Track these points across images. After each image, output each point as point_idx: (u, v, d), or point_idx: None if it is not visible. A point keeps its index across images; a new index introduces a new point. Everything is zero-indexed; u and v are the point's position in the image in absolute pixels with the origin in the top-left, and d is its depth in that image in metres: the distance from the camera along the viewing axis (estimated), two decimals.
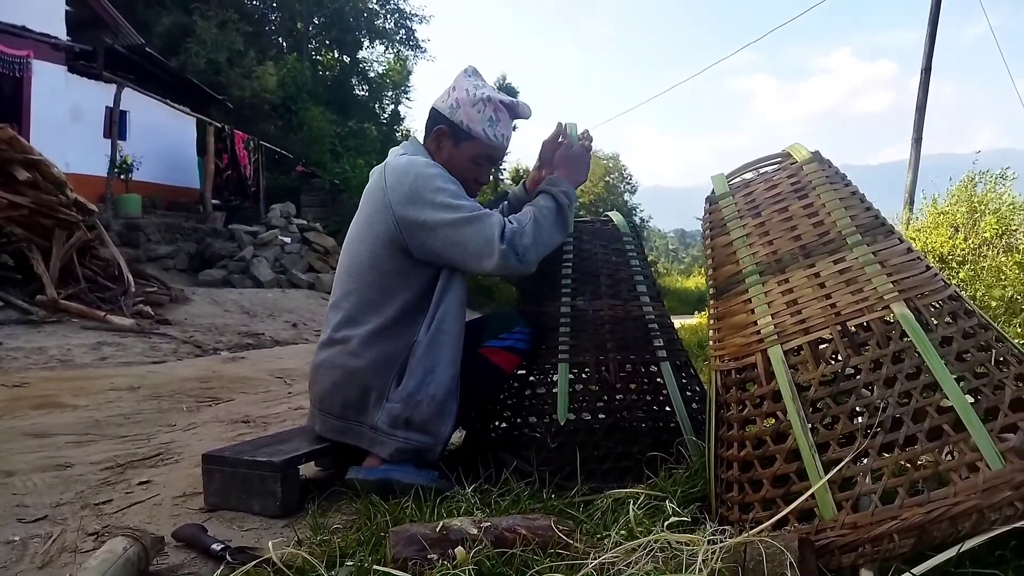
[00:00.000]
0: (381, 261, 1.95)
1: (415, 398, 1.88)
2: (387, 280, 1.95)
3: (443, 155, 2.07)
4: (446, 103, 2.05)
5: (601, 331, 2.12)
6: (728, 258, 1.58)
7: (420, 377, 1.89)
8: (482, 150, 2.06)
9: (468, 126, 2.02)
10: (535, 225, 1.93)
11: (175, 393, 3.80)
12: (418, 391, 1.88)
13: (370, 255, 1.97)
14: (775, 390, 1.42)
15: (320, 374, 1.99)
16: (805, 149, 1.59)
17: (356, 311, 1.97)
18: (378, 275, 1.96)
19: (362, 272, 1.98)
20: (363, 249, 1.99)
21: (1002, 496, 1.20)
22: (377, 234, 1.96)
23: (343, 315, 1.98)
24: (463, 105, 2.02)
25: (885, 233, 1.47)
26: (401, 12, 27.89)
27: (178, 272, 11.05)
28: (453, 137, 2.05)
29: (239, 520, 1.77)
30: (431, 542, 1.33)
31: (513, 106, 2.08)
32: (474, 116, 2.01)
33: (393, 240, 1.93)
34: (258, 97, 18.25)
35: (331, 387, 1.97)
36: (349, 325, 1.96)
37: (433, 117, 2.09)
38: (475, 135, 2.03)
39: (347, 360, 1.93)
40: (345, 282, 2.02)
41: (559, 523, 1.40)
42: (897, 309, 1.37)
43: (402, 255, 1.94)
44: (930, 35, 9.24)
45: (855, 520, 1.26)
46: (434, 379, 1.89)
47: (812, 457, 1.33)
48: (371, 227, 1.98)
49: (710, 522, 1.51)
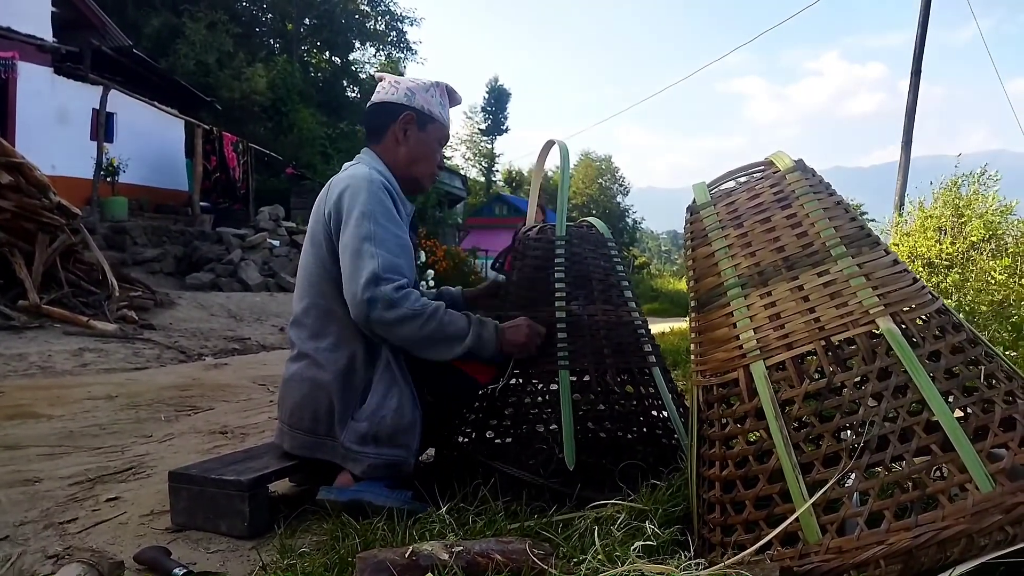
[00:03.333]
0: (329, 270, 1.93)
1: (379, 414, 1.85)
2: (339, 289, 1.90)
3: (410, 143, 2.07)
4: (398, 94, 2.08)
5: (597, 337, 2.07)
6: (710, 270, 1.52)
7: (383, 392, 1.87)
8: (441, 132, 2.13)
9: (428, 109, 2.08)
10: (429, 316, 1.82)
11: (154, 402, 3.72)
12: (381, 406, 1.86)
13: (318, 266, 1.96)
14: (758, 407, 1.37)
15: (290, 389, 1.96)
16: (788, 157, 1.54)
17: (317, 323, 1.94)
18: (329, 285, 1.93)
19: (314, 283, 1.97)
20: (312, 260, 1.98)
21: (992, 520, 1.15)
22: (320, 243, 1.95)
23: (307, 329, 1.96)
24: (418, 92, 2.07)
25: (870, 244, 1.42)
26: (392, 14, 27.87)
27: (165, 275, 10.93)
28: (418, 122, 2.08)
29: (205, 541, 1.71)
30: (400, 568, 1.28)
31: (451, 91, 2.18)
32: (430, 99, 2.09)
33: (333, 250, 1.92)
34: (248, 99, 18.15)
35: (300, 401, 1.93)
36: (313, 338, 1.94)
37: (387, 111, 2.08)
38: (435, 117, 2.10)
39: (314, 373, 1.90)
40: (303, 294, 2.00)
41: (534, 547, 1.35)
42: (883, 324, 1.32)
43: None
44: (919, 38, 9.23)
45: (840, 544, 1.21)
46: (397, 391, 1.88)
47: (796, 478, 1.28)
48: (315, 238, 1.98)
49: (692, 543, 1.47)
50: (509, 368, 2.04)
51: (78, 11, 13.72)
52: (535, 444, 1.98)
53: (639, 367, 2.12)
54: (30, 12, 11.95)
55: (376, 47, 28.52)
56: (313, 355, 1.91)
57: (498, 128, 37.77)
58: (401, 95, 2.06)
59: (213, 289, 10.61)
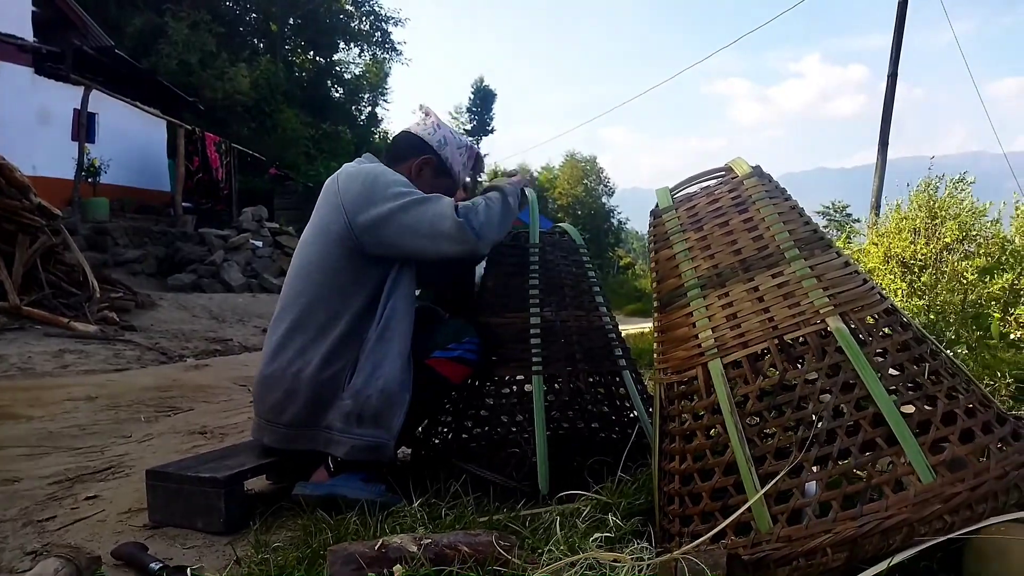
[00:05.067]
0: (331, 260, 1.95)
1: (364, 393, 1.87)
2: (336, 281, 1.94)
3: (419, 183, 2.09)
4: (433, 137, 2.15)
5: (570, 342, 2.13)
6: (671, 272, 1.58)
7: (369, 371, 1.89)
8: (451, 188, 2.18)
9: (451, 164, 2.16)
10: (487, 206, 1.98)
11: (134, 403, 3.74)
12: (367, 385, 1.88)
13: (320, 255, 1.98)
14: (715, 403, 1.43)
15: (269, 386, 1.95)
16: (746, 163, 1.60)
17: (304, 315, 1.95)
18: (327, 276, 1.95)
19: (311, 272, 1.98)
20: (314, 250, 2.00)
21: (932, 510, 1.22)
22: (329, 234, 1.97)
23: (291, 322, 1.96)
24: (450, 144, 2.15)
25: (823, 247, 1.48)
26: (376, 14, 27.82)
27: (146, 277, 10.89)
28: (436, 169, 2.15)
29: (182, 537, 1.75)
30: (369, 560, 1.32)
31: (480, 160, 2.32)
32: (457, 158, 2.17)
33: (343, 239, 1.93)
34: (231, 99, 18.09)
35: (283, 396, 1.93)
36: (298, 332, 1.94)
37: (415, 145, 2.15)
38: (453, 173, 2.18)
39: (299, 369, 1.91)
40: (294, 286, 2.00)
41: (501, 539, 1.40)
42: (832, 323, 1.38)
43: (353, 255, 1.94)
44: (895, 43, 9.38)
45: (790, 533, 1.27)
46: (382, 373, 1.89)
47: (749, 470, 1.34)
48: (323, 228, 1.99)
49: (653, 534, 1.52)
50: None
51: (59, 10, 13.60)
52: (508, 447, 2.03)
53: (610, 370, 2.18)
54: (10, 12, 11.85)
55: (361, 47, 28.48)
56: (297, 349, 1.92)
57: (484, 128, 37.76)
58: (435, 139, 2.14)
59: (195, 290, 10.59)
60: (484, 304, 2.23)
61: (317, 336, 1.92)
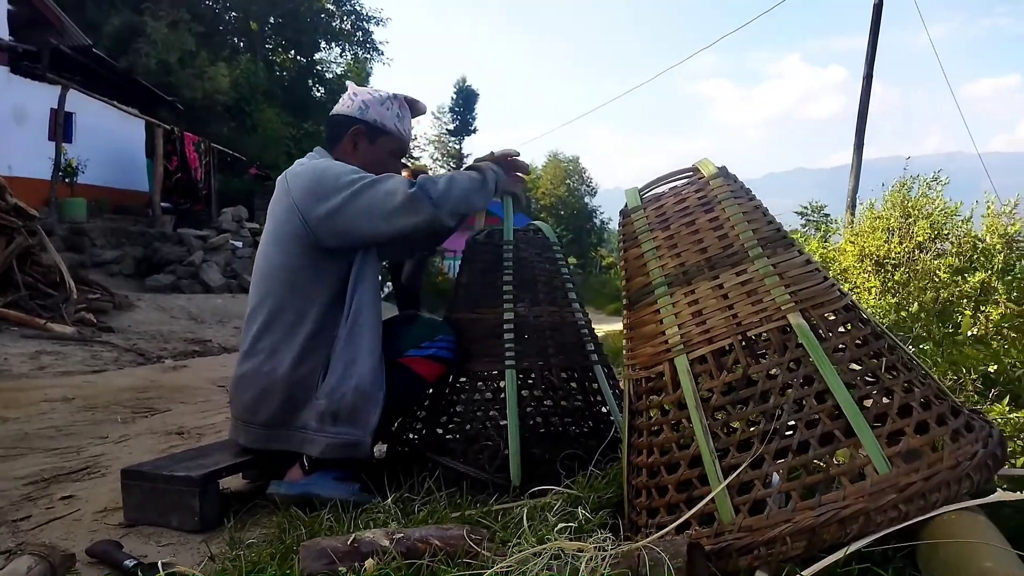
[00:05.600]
0: (291, 260, 1.97)
1: (339, 391, 1.89)
2: (299, 279, 1.95)
3: (359, 154, 2.13)
4: (352, 106, 2.14)
5: (543, 337, 2.16)
6: (639, 270, 1.61)
7: (341, 370, 1.90)
8: (395, 144, 2.18)
9: (381, 123, 2.13)
10: (451, 178, 1.99)
11: (111, 404, 3.72)
12: (341, 383, 1.89)
13: (280, 256, 1.99)
14: (681, 398, 1.47)
15: (243, 386, 1.97)
16: (712, 164, 1.63)
17: (272, 317, 1.96)
18: (290, 275, 1.97)
19: (274, 274, 2.00)
20: (273, 251, 2.02)
21: (888, 499, 1.25)
22: (285, 234, 1.98)
23: (260, 323, 1.97)
24: (372, 105, 2.13)
25: (785, 245, 1.52)
26: (358, 14, 27.71)
27: (124, 278, 10.79)
28: (368, 135, 2.14)
29: (157, 535, 1.76)
30: (341, 555, 1.34)
31: (413, 103, 2.24)
32: (384, 113, 2.14)
33: (300, 238, 1.95)
34: (210, 98, 17.93)
35: (258, 396, 1.94)
36: (268, 333, 1.96)
37: (340, 123, 2.15)
38: (388, 130, 2.15)
39: (271, 368, 1.92)
40: (259, 289, 2.03)
41: (472, 532, 1.42)
42: (793, 319, 1.42)
43: (312, 252, 1.95)
44: (871, 46, 9.52)
45: (751, 523, 1.31)
46: (355, 370, 1.90)
47: (713, 463, 1.38)
48: (279, 229, 2.00)
49: (622, 526, 1.55)
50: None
51: (35, 9, 13.43)
52: (482, 440, 2.06)
53: (582, 365, 2.22)
54: None
55: (342, 47, 28.35)
56: (268, 351, 1.94)
57: (466, 128, 37.74)
58: (355, 108, 2.13)
59: (174, 291, 10.51)
60: (458, 300, 2.26)
61: (287, 336, 1.93)
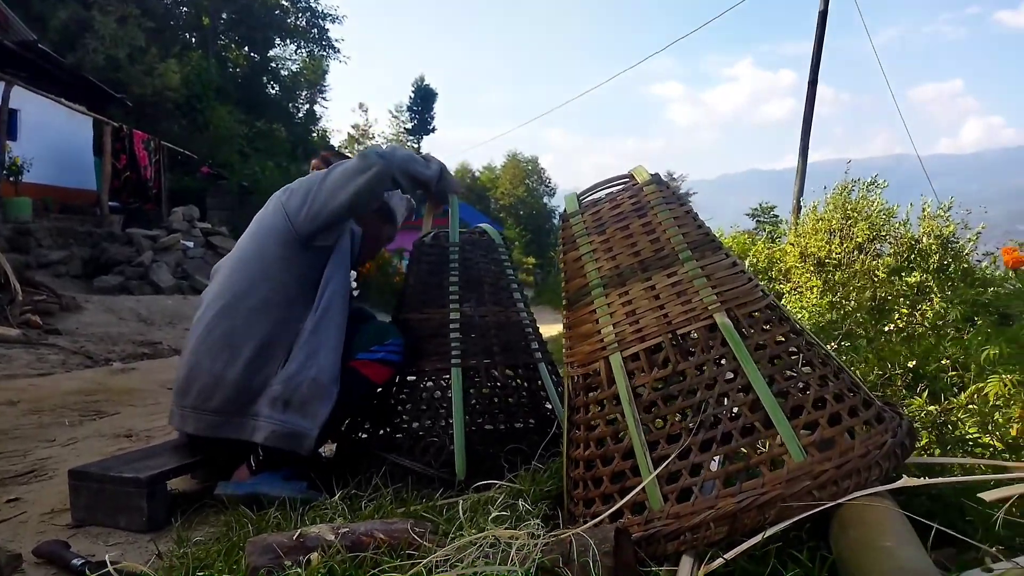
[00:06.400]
0: (266, 251, 2.03)
1: (296, 379, 1.92)
2: (271, 268, 2.01)
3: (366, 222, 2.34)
4: None
5: (488, 336, 2.22)
6: (577, 272, 1.69)
7: (302, 360, 1.94)
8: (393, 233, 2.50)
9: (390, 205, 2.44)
10: (392, 147, 2.18)
11: (58, 407, 3.67)
12: (299, 372, 1.93)
13: (255, 248, 2.06)
14: (615, 393, 1.54)
15: (197, 373, 1.96)
16: (646, 172, 1.72)
17: (234, 302, 1.99)
18: (262, 264, 2.03)
19: (246, 262, 2.06)
20: (248, 245, 2.09)
21: (803, 486, 1.35)
22: (264, 229, 2.07)
23: (219, 309, 2.00)
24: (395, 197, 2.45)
25: (713, 249, 1.61)
26: (313, 11, 27.42)
27: (71, 278, 10.51)
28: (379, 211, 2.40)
29: (105, 535, 1.77)
30: (287, 550, 1.38)
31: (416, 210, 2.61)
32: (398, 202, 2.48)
33: (280, 232, 2.04)
34: (161, 95, 17.56)
35: (212, 382, 1.94)
36: (226, 318, 1.98)
37: None
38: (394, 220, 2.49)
39: (229, 355, 1.94)
40: (224, 277, 2.07)
41: (416, 526, 1.48)
42: (719, 318, 1.51)
43: (287, 245, 2.02)
44: (816, 53, 9.81)
45: (678, 511, 1.39)
46: (316, 363, 1.95)
47: (644, 455, 1.46)
48: (261, 227, 2.09)
49: (561, 517, 1.63)
50: None
51: None
52: (428, 437, 2.11)
53: (526, 363, 2.29)
54: None
55: (297, 44, 28.01)
56: (225, 336, 1.96)
57: (424, 128, 37.59)
58: None
59: (122, 292, 10.28)
60: (406, 300, 2.31)
61: (246, 323, 1.96)
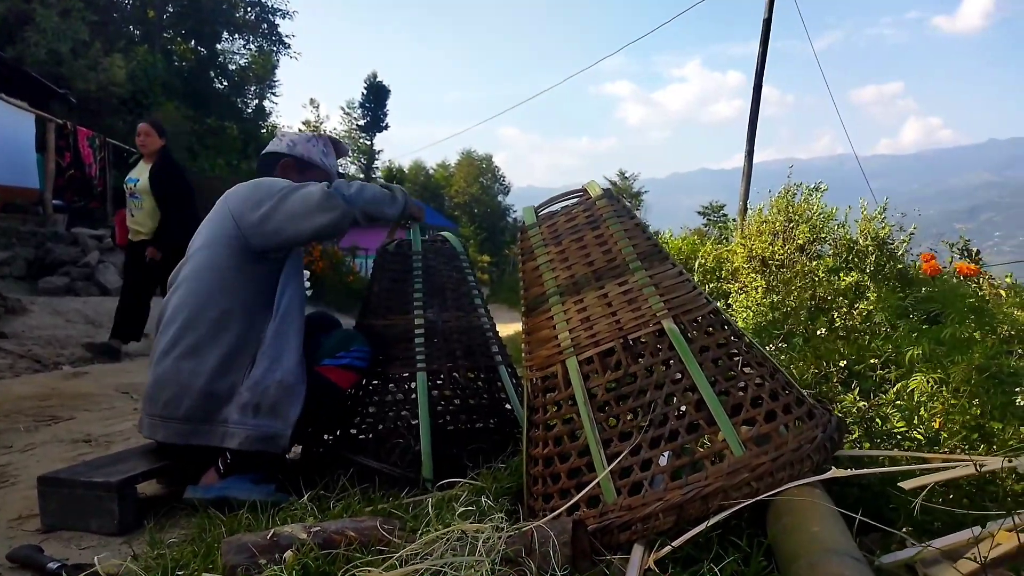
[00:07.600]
0: (219, 261, 2.08)
1: (262, 384, 1.99)
2: (226, 279, 2.06)
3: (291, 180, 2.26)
4: (280, 144, 2.37)
5: (451, 341, 2.31)
6: (535, 280, 1.79)
7: (267, 365, 2.01)
8: (322, 177, 2.34)
9: (308, 157, 2.35)
10: (362, 185, 2.20)
11: (11, 412, 3.62)
12: (265, 377, 2.00)
13: (208, 258, 2.10)
14: (572, 395, 1.65)
15: (163, 383, 2.01)
16: (599, 186, 1.83)
17: (194, 316, 2.04)
18: (217, 275, 2.07)
19: (200, 275, 2.09)
20: (200, 256, 2.12)
21: (742, 477, 1.48)
22: (215, 238, 2.11)
23: (181, 322, 2.04)
24: (299, 142, 2.37)
25: (661, 259, 1.74)
26: (262, 6, 26.98)
27: (15, 280, 10.20)
28: (297, 167, 2.34)
29: (77, 539, 1.81)
30: (261, 549, 1.45)
31: (336, 142, 2.51)
32: (311, 149, 2.37)
33: (230, 240, 2.08)
34: (105, 91, 17.11)
35: (179, 392, 1.99)
36: (191, 331, 2.02)
37: (270, 160, 2.37)
38: (315, 163, 2.36)
39: (194, 366, 1.99)
40: (181, 290, 2.10)
41: (384, 523, 1.56)
42: (667, 324, 1.63)
43: (239, 254, 2.08)
44: (760, 57, 10.12)
45: (630, 503, 1.51)
46: (280, 366, 2.02)
47: (598, 452, 1.57)
48: (211, 235, 2.13)
49: (522, 513, 1.73)
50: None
51: None
52: (393, 439, 2.19)
53: (488, 366, 2.39)
54: None
55: (246, 38, 27.53)
56: (191, 348, 2.01)
57: (377, 125, 37.35)
58: (283, 146, 2.37)
59: (68, 293, 10.02)
60: (370, 308, 2.39)
61: (210, 334, 2.02)
